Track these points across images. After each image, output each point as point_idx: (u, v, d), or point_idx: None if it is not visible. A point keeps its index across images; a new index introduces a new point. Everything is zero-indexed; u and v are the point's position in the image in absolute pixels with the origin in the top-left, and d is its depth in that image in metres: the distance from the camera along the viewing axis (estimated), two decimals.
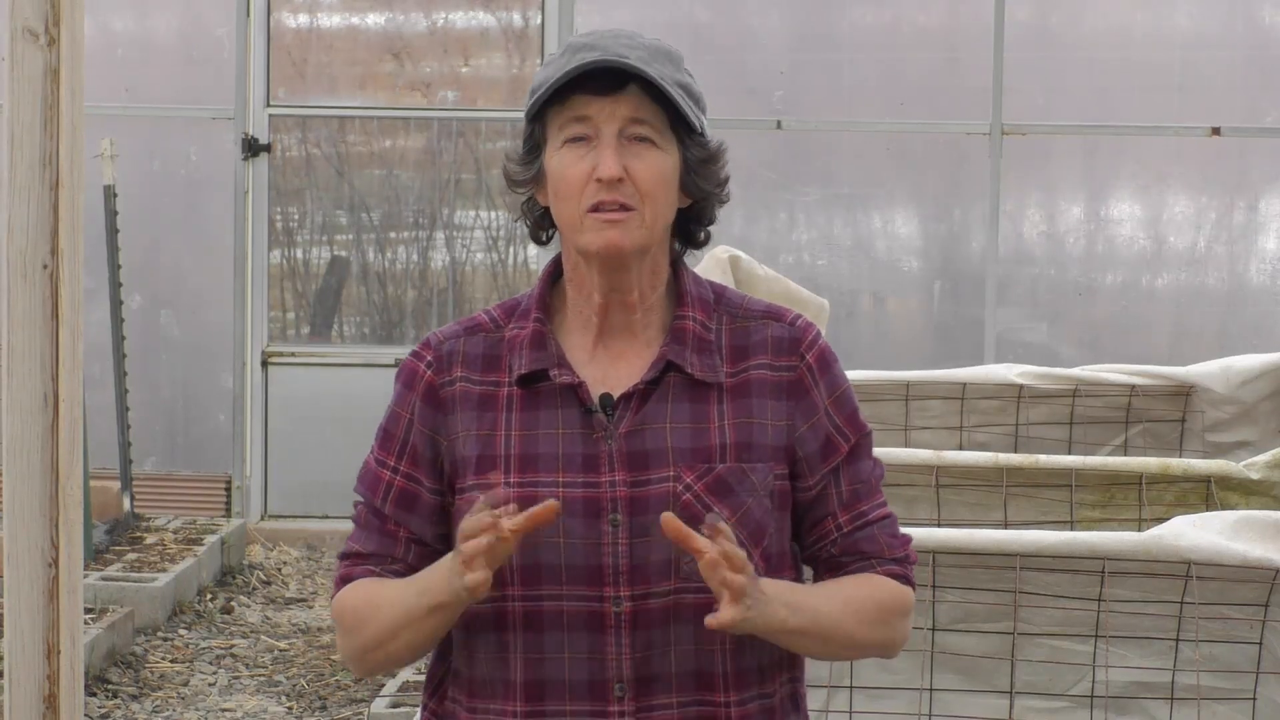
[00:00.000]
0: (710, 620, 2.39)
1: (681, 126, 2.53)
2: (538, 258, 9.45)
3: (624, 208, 2.49)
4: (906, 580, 2.61)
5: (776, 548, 2.56)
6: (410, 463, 2.58)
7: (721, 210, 2.64)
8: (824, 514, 2.59)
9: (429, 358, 2.59)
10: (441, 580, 2.46)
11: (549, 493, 2.50)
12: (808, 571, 2.68)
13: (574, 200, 2.50)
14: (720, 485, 2.51)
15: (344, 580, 2.64)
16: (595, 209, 2.49)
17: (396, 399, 2.61)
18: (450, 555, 2.45)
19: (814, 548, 2.61)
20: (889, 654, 2.65)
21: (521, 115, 2.60)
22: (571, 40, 2.55)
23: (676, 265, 2.62)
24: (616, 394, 2.54)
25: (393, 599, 2.54)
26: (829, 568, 2.61)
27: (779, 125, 9.26)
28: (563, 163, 2.51)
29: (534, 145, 2.56)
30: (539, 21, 9.35)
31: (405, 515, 2.59)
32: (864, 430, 2.61)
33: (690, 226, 2.62)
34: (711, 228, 2.65)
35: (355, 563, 2.63)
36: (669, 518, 2.38)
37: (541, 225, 2.62)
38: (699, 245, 2.64)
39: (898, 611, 2.59)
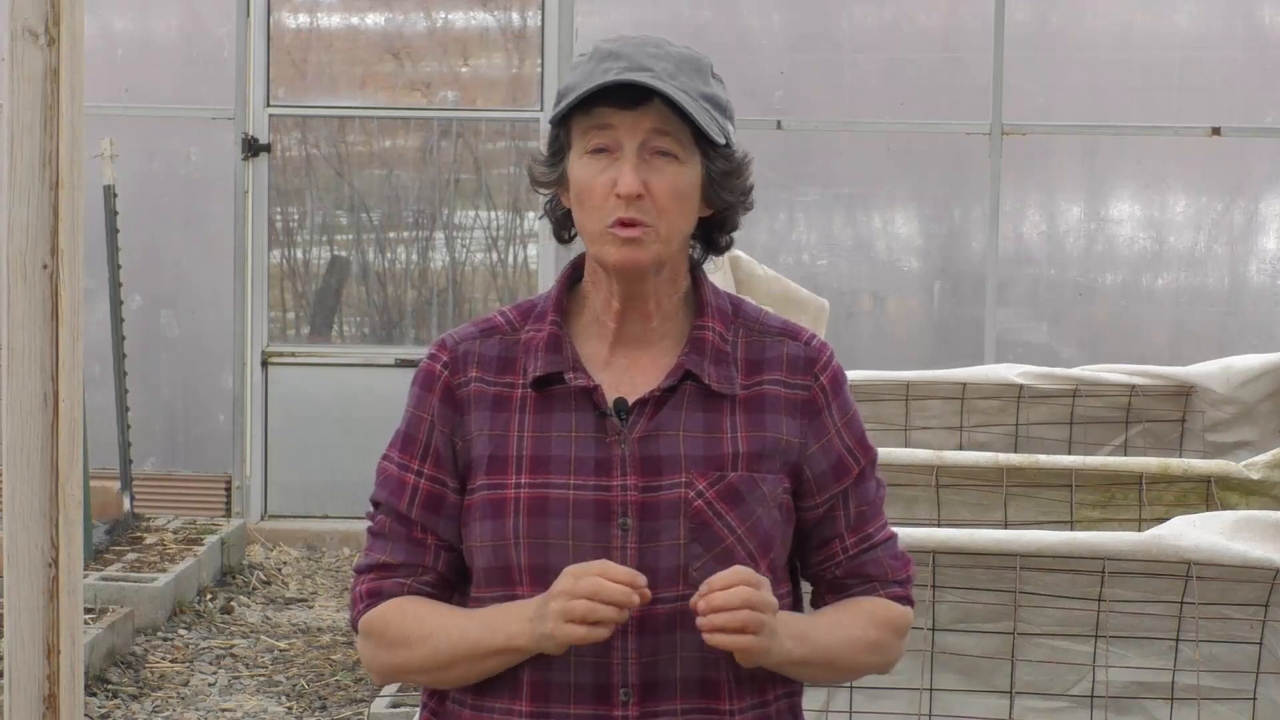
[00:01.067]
0: (716, 639, 2.43)
1: (705, 139, 2.53)
2: (538, 258, 9.45)
3: (641, 224, 2.49)
4: (907, 600, 2.63)
5: (780, 559, 2.57)
6: (434, 465, 2.57)
7: None
8: (830, 536, 2.60)
9: (445, 358, 2.59)
10: (520, 625, 2.46)
11: (559, 494, 2.51)
12: (806, 586, 2.69)
13: (595, 212, 2.51)
14: (732, 493, 2.51)
15: (373, 594, 2.58)
16: (615, 224, 2.49)
17: (415, 402, 2.60)
18: (537, 603, 2.45)
19: (818, 568, 2.62)
20: (884, 671, 2.67)
21: (521, 115, 2.62)
22: (600, 45, 2.54)
23: (696, 274, 2.62)
24: (631, 399, 2.54)
25: (450, 629, 2.51)
26: (832, 589, 2.62)
27: (779, 125, 9.26)
28: (585, 173, 2.51)
29: (559, 149, 2.57)
30: (539, 22, 9.35)
31: (433, 519, 2.57)
32: (872, 453, 2.63)
33: (713, 234, 2.62)
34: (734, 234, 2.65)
35: (382, 575, 2.59)
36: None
37: (564, 225, 2.62)
38: (721, 251, 2.64)
39: (896, 635, 2.62)
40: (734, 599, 2.40)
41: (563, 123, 2.54)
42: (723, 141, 2.54)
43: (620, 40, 2.55)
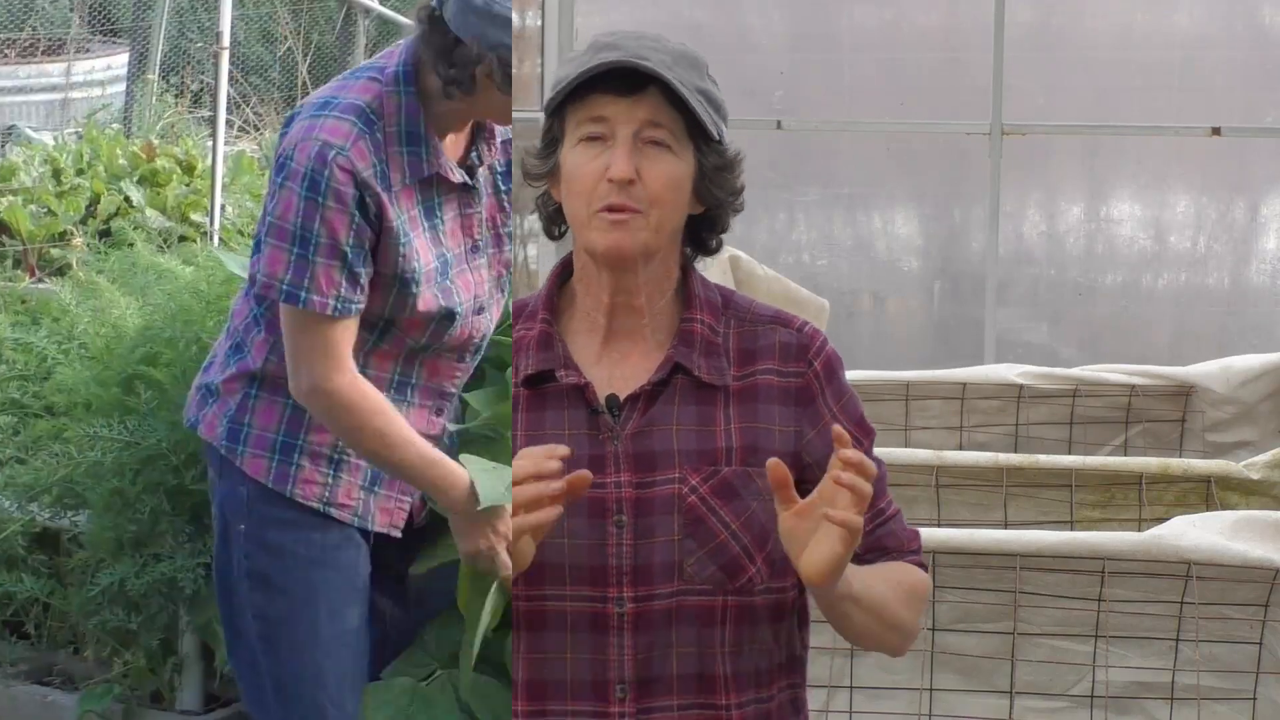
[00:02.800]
0: (832, 514, 2.29)
1: (699, 133, 2.53)
2: (538, 258, 9.44)
3: (631, 209, 2.49)
4: (924, 568, 2.65)
5: (780, 553, 2.56)
6: None
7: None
8: None
9: None
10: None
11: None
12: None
13: (584, 198, 2.50)
14: (726, 488, 2.51)
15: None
16: (605, 210, 2.49)
17: None
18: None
19: None
20: (904, 646, 2.63)
21: (521, 115, 2.61)
22: (596, 38, 2.54)
23: (686, 269, 2.62)
24: (623, 395, 2.54)
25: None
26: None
27: (779, 125, 9.25)
28: (577, 160, 2.50)
29: (552, 140, 2.56)
30: (539, 22, 9.35)
31: None
32: (871, 433, 2.63)
33: (702, 233, 2.62)
34: (723, 235, 2.66)
35: None
36: (775, 463, 2.33)
37: (555, 220, 2.62)
38: (710, 252, 2.65)
39: (923, 597, 2.63)
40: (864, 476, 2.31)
41: (557, 113, 2.54)
42: (717, 136, 2.54)
43: (618, 34, 2.54)
